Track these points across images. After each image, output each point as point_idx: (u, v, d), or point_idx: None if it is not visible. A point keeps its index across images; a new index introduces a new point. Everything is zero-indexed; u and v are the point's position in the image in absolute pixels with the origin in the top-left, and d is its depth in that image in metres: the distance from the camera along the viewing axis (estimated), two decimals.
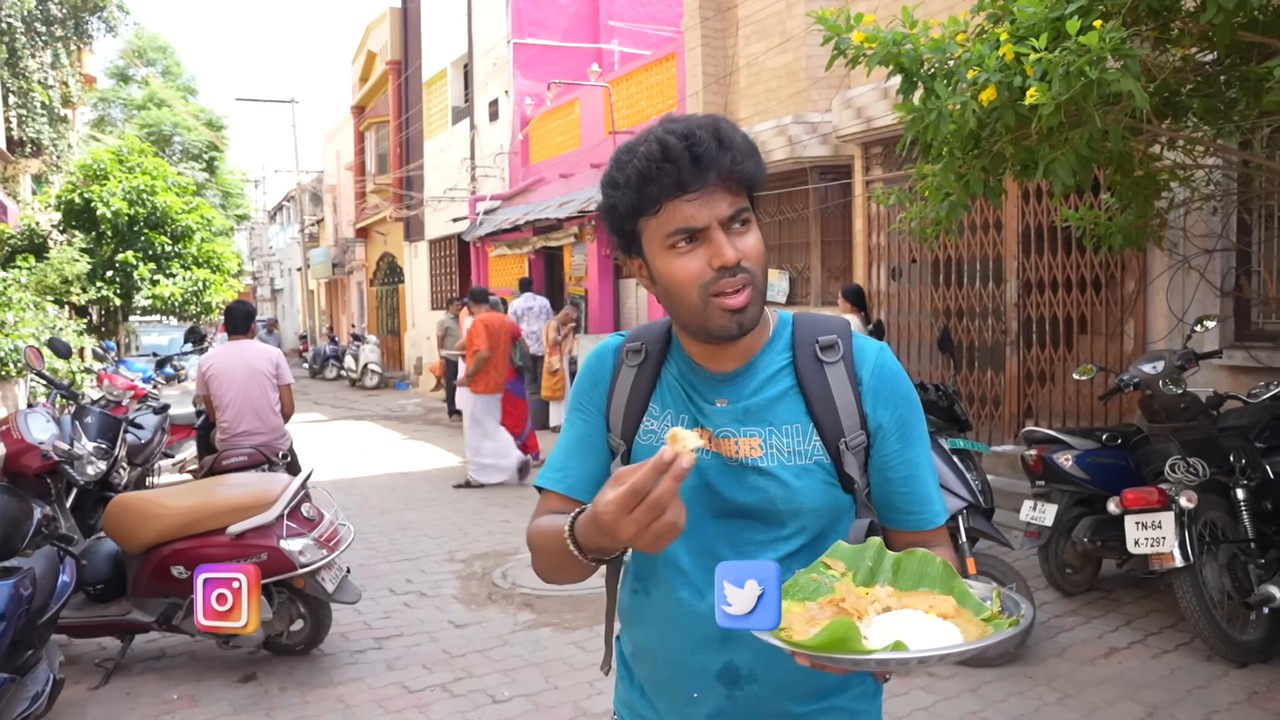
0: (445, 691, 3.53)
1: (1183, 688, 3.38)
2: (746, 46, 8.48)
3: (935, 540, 1.17)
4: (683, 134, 1.06)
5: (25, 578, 2.58)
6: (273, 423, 4.80)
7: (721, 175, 1.06)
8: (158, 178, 15.62)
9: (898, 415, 1.14)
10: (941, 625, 0.91)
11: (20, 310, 9.07)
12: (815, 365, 1.14)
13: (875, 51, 3.36)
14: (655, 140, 1.07)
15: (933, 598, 0.96)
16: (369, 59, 20.71)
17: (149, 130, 26.35)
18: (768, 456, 1.12)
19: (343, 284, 26.29)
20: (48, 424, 4.28)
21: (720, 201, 1.07)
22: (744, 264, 1.08)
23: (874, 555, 1.04)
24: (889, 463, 1.14)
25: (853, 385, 1.13)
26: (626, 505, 0.90)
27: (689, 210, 1.06)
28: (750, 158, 1.09)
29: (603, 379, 1.25)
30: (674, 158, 1.05)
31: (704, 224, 1.07)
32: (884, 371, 1.15)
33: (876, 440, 1.14)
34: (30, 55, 13.96)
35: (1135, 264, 5.49)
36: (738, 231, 1.09)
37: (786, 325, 1.20)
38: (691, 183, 1.05)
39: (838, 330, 1.18)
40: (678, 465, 0.89)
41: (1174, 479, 3.58)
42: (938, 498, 1.18)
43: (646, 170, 1.06)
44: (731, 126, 1.10)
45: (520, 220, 11.79)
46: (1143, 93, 2.80)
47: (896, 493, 1.15)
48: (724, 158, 1.06)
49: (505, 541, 5.78)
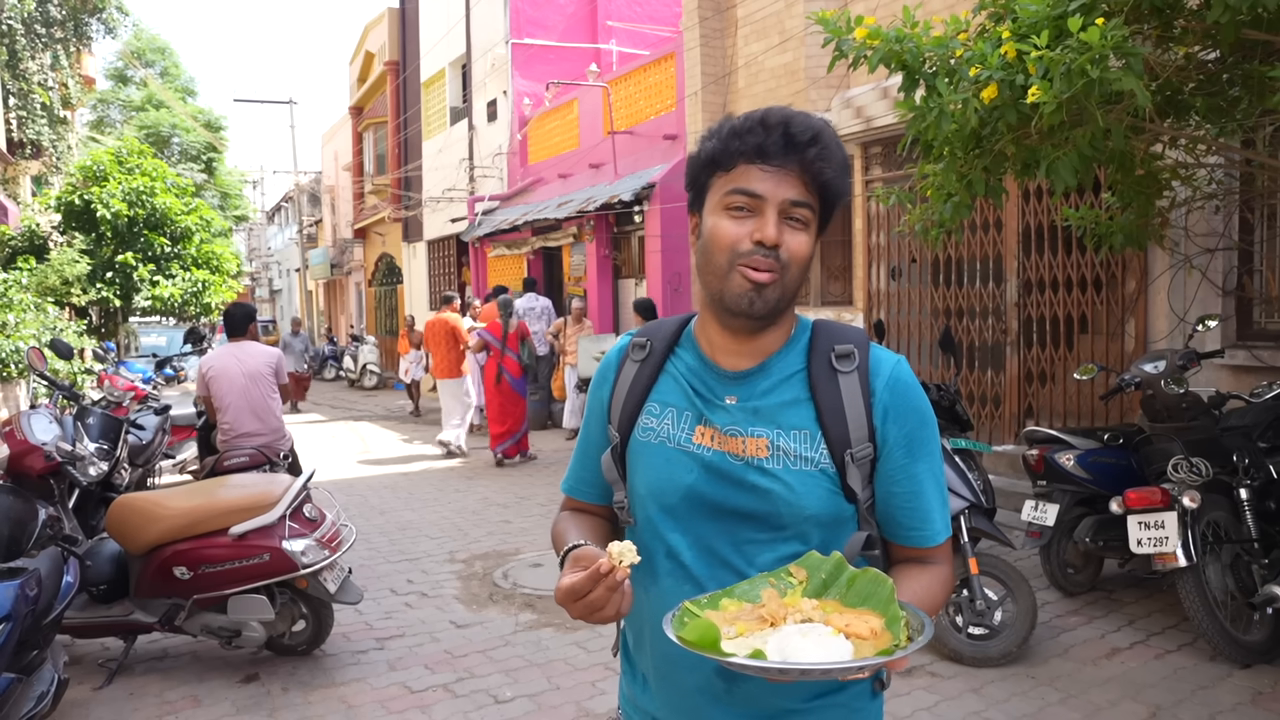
0: (447, 692, 3.52)
1: (1186, 688, 3.38)
2: (745, 46, 8.49)
3: (933, 557, 1.17)
4: (785, 116, 1.11)
5: (31, 578, 2.58)
6: (273, 424, 4.80)
7: (803, 164, 1.09)
8: (157, 179, 15.61)
9: (907, 430, 1.14)
10: (837, 644, 0.95)
11: (21, 311, 9.06)
12: (829, 373, 1.14)
13: (877, 49, 3.36)
14: (761, 111, 1.12)
15: (861, 616, 0.99)
16: (367, 60, 20.71)
17: (148, 131, 26.33)
18: (774, 459, 1.12)
19: (341, 285, 26.28)
20: (50, 425, 4.28)
21: (790, 186, 1.10)
22: (782, 252, 1.10)
23: (831, 569, 1.07)
24: (893, 477, 1.14)
25: (865, 397, 1.13)
26: (569, 598, 1.03)
27: (757, 176, 1.10)
28: (837, 168, 1.11)
29: (608, 379, 1.28)
30: (768, 126, 1.10)
31: (764, 195, 1.09)
32: (898, 385, 1.15)
33: (883, 453, 1.13)
34: (30, 57, 13.96)
35: (1136, 263, 5.49)
36: (792, 225, 1.11)
37: (805, 330, 1.20)
38: (773, 155, 1.09)
39: (856, 340, 1.17)
40: (612, 578, 1.00)
41: (1177, 479, 3.58)
42: (940, 516, 1.17)
43: (740, 127, 1.11)
44: (834, 136, 1.13)
45: (519, 221, 11.79)
46: (1144, 91, 2.80)
47: (899, 508, 1.15)
48: (811, 150, 1.09)
49: (506, 542, 5.77)
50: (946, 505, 1.19)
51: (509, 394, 8.41)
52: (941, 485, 1.18)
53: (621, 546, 1.02)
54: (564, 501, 1.37)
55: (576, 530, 1.24)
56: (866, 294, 7.37)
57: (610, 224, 10.92)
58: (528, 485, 7.69)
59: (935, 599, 1.14)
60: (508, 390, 8.40)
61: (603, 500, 1.31)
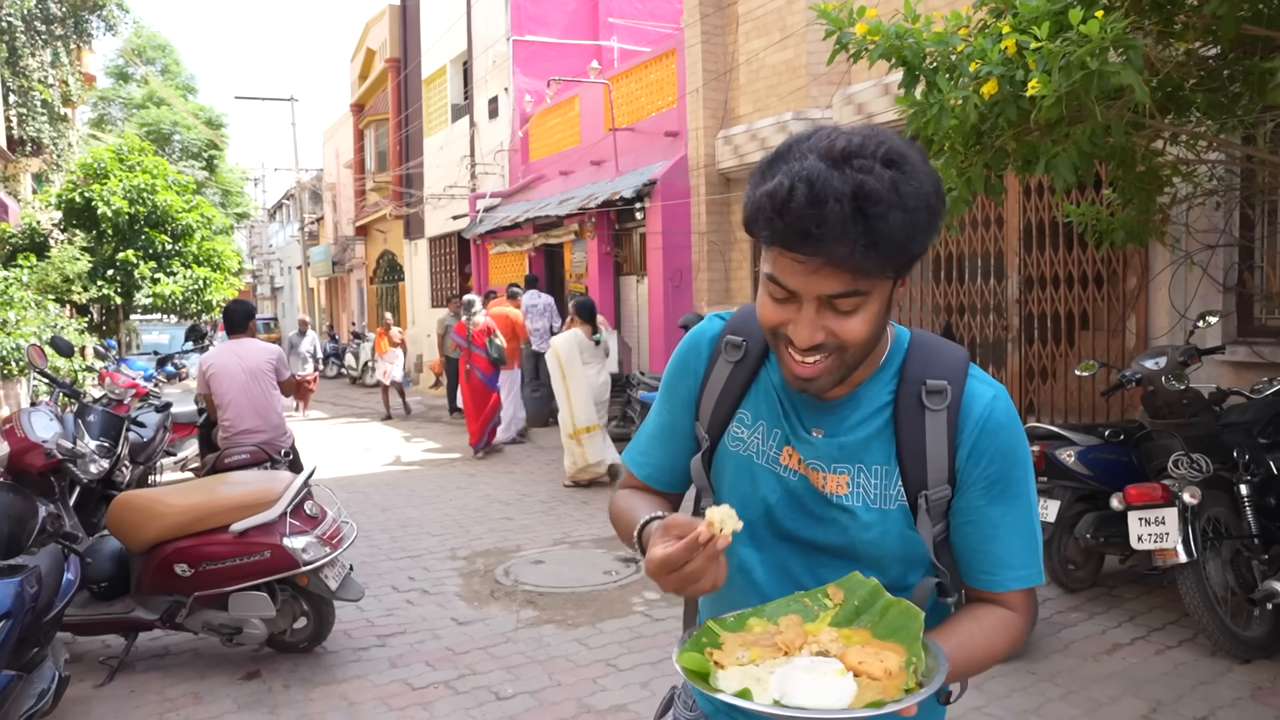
0: (448, 689, 3.53)
1: (1186, 683, 3.38)
2: (746, 43, 8.47)
3: (1006, 603, 1.09)
4: (811, 195, 0.90)
5: (31, 576, 2.58)
6: (274, 421, 4.80)
7: (845, 260, 0.92)
8: (158, 176, 15.61)
9: (990, 471, 1.06)
10: (840, 685, 0.91)
11: (22, 309, 9.07)
12: (916, 409, 1.07)
13: (878, 45, 3.36)
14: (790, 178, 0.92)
15: (880, 653, 0.95)
16: (368, 57, 20.69)
17: (148, 129, 26.34)
18: (853, 495, 1.09)
19: (343, 282, 26.29)
20: (51, 422, 4.28)
21: (828, 279, 0.95)
22: (827, 343, 0.99)
23: (866, 595, 1.03)
24: (968, 516, 1.08)
25: (950, 438, 1.06)
26: (663, 570, 0.97)
27: (787, 268, 0.96)
28: (897, 243, 0.92)
29: (696, 370, 1.20)
30: (788, 212, 0.91)
31: (797, 290, 0.97)
32: (988, 426, 1.06)
33: (959, 491, 1.07)
34: (30, 54, 13.95)
35: (1137, 260, 5.48)
36: (840, 309, 0.97)
37: (900, 352, 1.11)
38: (797, 246, 0.93)
39: (951, 372, 1.08)
40: (712, 547, 0.95)
41: (1177, 475, 3.58)
42: (1020, 562, 1.08)
43: (764, 201, 0.94)
44: (897, 197, 0.91)
45: (520, 218, 11.78)
46: (1143, 85, 2.79)
47: (969, 547, 1.10)
48: (847, 236, 0.90)
49: (507, 539, 5.78)
50: (1033, 552, 1.09)
51: (479, 389, 8.80)
52: (1029, 531, 1.09)
53: (722, 512, 0.96)
54: (627, 479, 1.29)
55: (647, 505, 1.18)
56: None
57: (612, 221, 10.91)
58: (530, 482, 7.69)
59: (991, 646, 1.07)
60: (478, 385, 8.79)
61: (676, 489, 1.27)
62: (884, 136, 0.97)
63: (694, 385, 1.20)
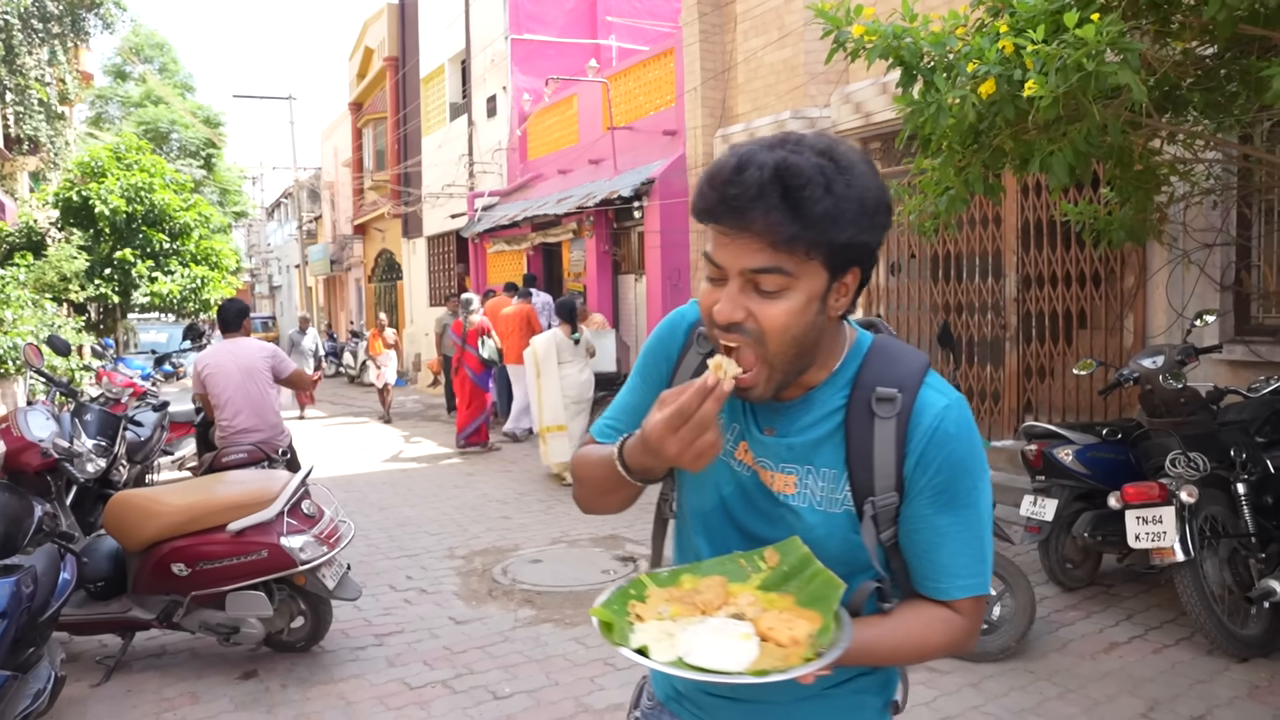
0: (446, 688, 3.53)
1: (1183, 682, 3.38)
2: (745, 42, 8.46)
3: (951, 608, 1.09)
4: (735, 163, 0.97)
5: (26, 575, 2.58)
6: (271, 419, 4.79)
7: (754, 225, 0.95)
8: (155, 175, 15.59)
9: (939, 481, 1.06)
10: (742, 648, 0.94)
11: (19, 308, 9.06)
12: (866, 416, 1.07)
13: (875, 45, 3.35)
14: (725, 156, 1.00)
15: (792, 621, 0.97)
16: (366, 55, 20.67)
17: (146, 127, 26.31)
18: (799, 496, 1.10)
19: (341, 281, 26.26)
20: (47, 421, 4.28)
21: (751, 252, 0.97)
22: (746, 325, 1.00)
23: (796, 562, 1.05)
24: (915, 524, 1.08)
25: (899, 446, 1.05)
26: (673, 425, 0.97)
27: (717, 241, 1.00)
28: (820, 223, 0.94)
29: (669, 355, 1.22)
30: (714, 182, 0.98)
31: (724, 264, 1.00)
32: (937, 436, 1.05)
33: (907, 499, 1.07)
34: (27, 52, 13.91)
35: (1135, 259, 5.48)
36: (764, 288, 0.99)
37: (857, 357, 1.11)
38: (722, 217, 0.98)
39: (904, 380, 1.07)
40: (720, 389, 0.97)
41: (1174, 474, 3.58)
42: (965, 570, 1.08)
43: (700, 183, 1.01)
44: (818, 175, 0.95)
45: (519, 216, 11.77)
46: (1140, 86, 2.79)
47: (916, 554, 1.10)
48: (769, 208, 0.94)
49: (505, 538, 5.78)
50: (980, 562, 1.09)
51: (471, 387, 9.02)
52: (977, 540, 1.08)
53: (724, 359, 0.98)
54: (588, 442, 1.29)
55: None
56: (865, 289, 7.36)
57: (610, 219, 10.91)
58: (527, 481, 7.69)
59: (924, 640, 1.08)
60: (469, 383, 9.01)
61: None
62: (835, 141, 1.01)
63: (666, 370, 1.22)
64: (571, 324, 7.46)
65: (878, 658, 1.08)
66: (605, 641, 0.99)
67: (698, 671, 0.93)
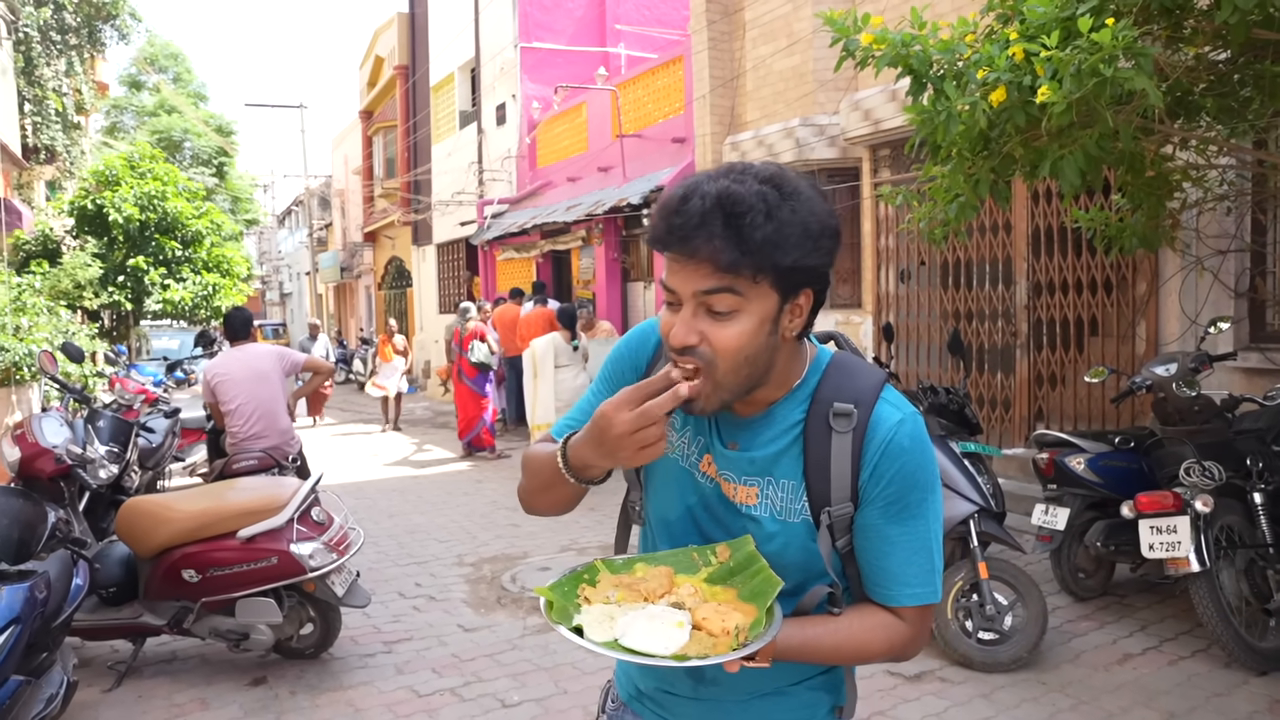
0: (455, 696, 3.52)
1: (1200, 695, 3.34)
2: (753, 49, 8.48)
3: (899, 614, 1.12)
4: (681, 192, 1.02)
5: (40, 581, 2.59)
6: (282, 426, 4.80)
7: (701, 250, 0.99)
8: (168, 183, 15.73)
9: (890, 492, 1.09)
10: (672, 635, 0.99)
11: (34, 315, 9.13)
12: (824, 430, 1.10)
13: (884, 53, 3.35)
14: (674, 188, 1.05)
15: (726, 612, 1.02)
16: (377, 64, 20.81)
17: (160, 137, 26.55)
18: (760, 506, 1.14)
19: (351, 288, 26.40)
20: (61, 428, 4.31)
21: (698, 274, 1.01)
22: (700, 349, 1.03)
23: (743, 558, 1.11)
24: (866, 533, 1.12)
25: (854, 459, 1.09)
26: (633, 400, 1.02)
27: (671, 268, 1.05)
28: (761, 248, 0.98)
29: (637, 365, 1.24)
30: (664, 214, 1.03)
31: (677, 289, 1.04)
32: (891, 449, 1.09)
33: (861, 507, 1.11)
34: (45, 63, 14.09)
35: (1147, 265, 5.45)
36: (716, 309, 1.02)
37: (816, 373, 1.15)
38: (671, 245, 1.02)
39: (860, 396, 1.11)
40: (678, 390, 1.02)
41: (1189, 482, 3.54)
42: (914, 578, 1.11)
43: (652, 219, 1.06)
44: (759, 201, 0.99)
45: (528, 224, 11.81)
46: (1156, 91, 2.78)
47: (867, 561, 1.14)
48: (711, 235, 0.98)
49: (514, 545, 5.77)
50: (929, 571, 1.12)
51: (466, 391, 9.27)
52: (925, 550, 1.11)
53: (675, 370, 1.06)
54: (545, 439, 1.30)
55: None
56: (875, 297, 7.35)
57: (619, 227, 10.93)
58: None
59: (865, 643, 1.11)
60: (464, 388, 9.26)
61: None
62: (781, 170, 1.04)
63: (633, 379, 1.22)
64: (571, 330, 7.78)
65: (818, 656, 1.11)
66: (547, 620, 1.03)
67: (624, 652, 0.98)
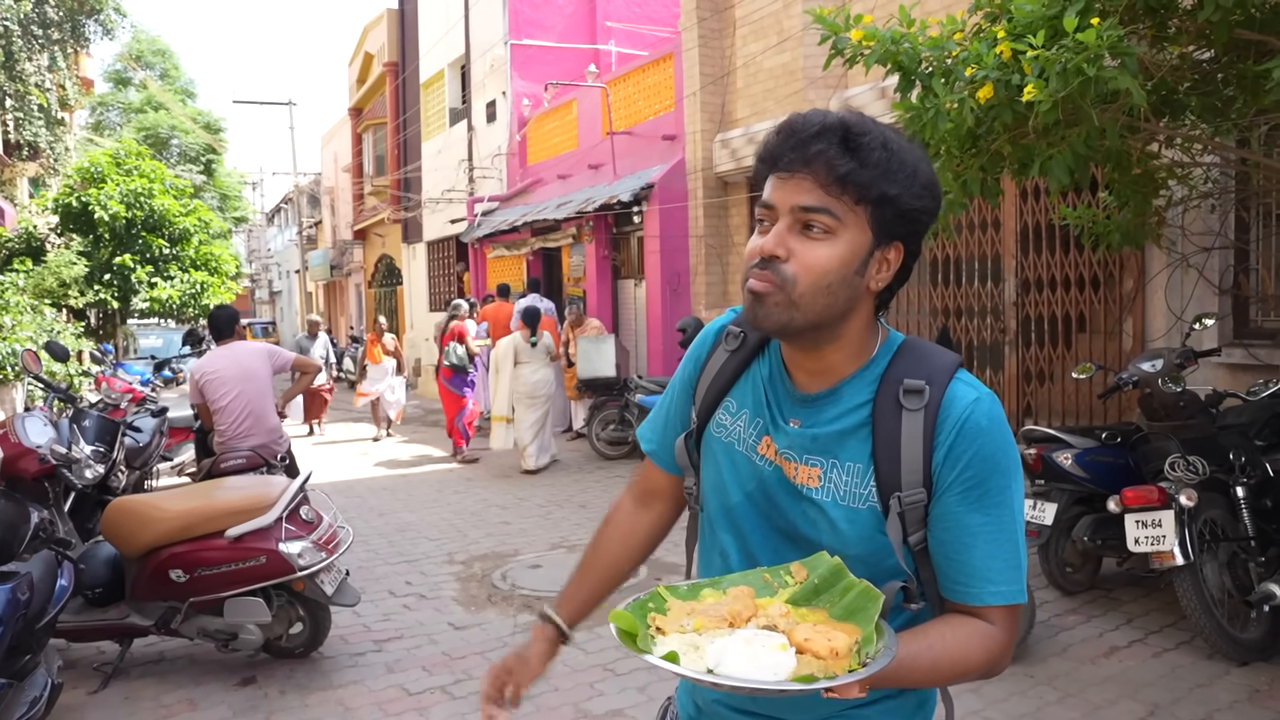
0: (445, 694, 3.52)
1: (1184, 686, 3.37)
2: (744, 47, 8.48)
3: (985, 617, 1.03)
4: (801, 116, 1.04)
5: (23, 582, 2.57)
6: (270, 424, 4.78)
7: (811, 163, 1.00)
8: (155, 180, 15.61)
9: (968, 476, 1.02)
10: (778, 658, 0.87)
11: (18, 313, 9.05)
12: (894, 409, 1.04)
13: (873, 50, 3.36)
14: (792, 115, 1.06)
15: (829, 632, 0.90)
16: (366, 61, 20.70)
17: (146, 133, 26.35)
18: (823, 490, 1.07)
19: (341, 286, 26.27)
20: (45, 428, 4.27)
21: (800, 190, 1.01)
22: (787, 266, 1.01)
23: (827, 574, 1.00)
24: (944, 523, 1.04)
25: (926, 439, 1.02)
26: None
27: (773, 185, 1.04)
28: (874, 169, 0.99)
29: (699, 356, 1.25)
30: (781, 130, 1.04)
31: (775, 204, 1.03)
32: (967, 429, 1.02)
33: (936, 496, 1.04)
34: (27, 58, 13.94)
35: (1134, 262, 5.49)
36: (812, 236, 1.01)
37: (888, 354, 1.10)
38: (781, 159, 1.02)
39: (933, 374, 1.05)
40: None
41: (1174, 477, 3.58)
42: (999, 574, 1.02)
43: (767, 140, 1.06)
44: (879, 134, 1.01)
45: (518, 221, 11.78)
46: (1140, 90, 2.80)
47: (945, 556, 1.04)
48: (815, 145, 1.00)
49: (504, 543, 5.77)
50: (1016, 567, 1.03)
51: (445, 391, 9.30)
52: (1011, 543, 1.03)
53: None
54: (646, 462, 1.34)
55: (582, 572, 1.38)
56: None
57: (609, 224, 10.92)
58: (526, 487, 7.69)
59: (964, 655, 1.01)
60: (443, 388, 9.29)
61: (675, 471, 1.29)
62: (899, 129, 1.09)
63: (694, 371, 1.25)
64: (531, 328, 8.32)
65: (914, 679, 1.00)
66: (627, 650, 0.93)
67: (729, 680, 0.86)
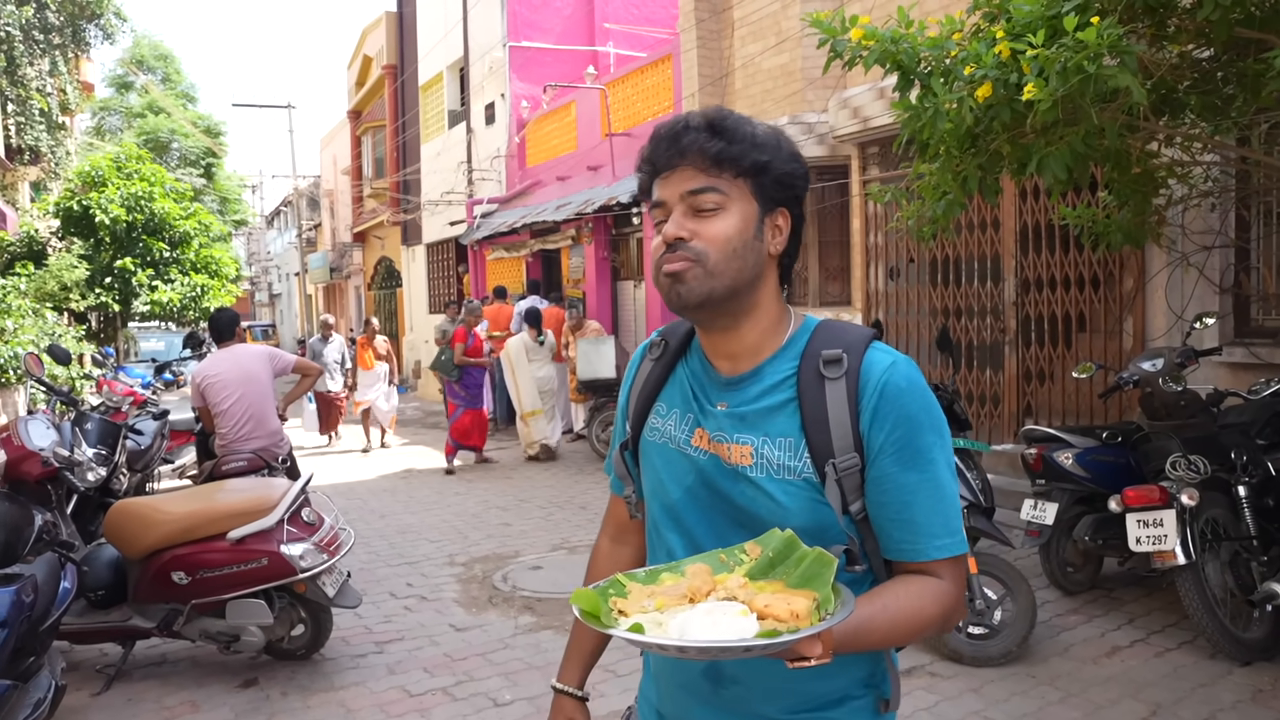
0: (446, 695, 3.52)
1: (1186, 686, 3.37)
2: (742, 48, 8.49)
3: (933, 572, 1.07)
4: (666, 123, 1.13)
5: (27, 584, 2.58)
6: (271, 427, 4.79)
7: (687, 154, 1.09)
8: (155, 184, 15.62)
9: (897, 436, 1.06)
10: (741, 624, 0.89)
11: (20, 317, 9.06)
12: (816, 379, 1.09)
13: (872, 50, 3.36)
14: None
15: (787, 597, 0.91)
16: (365, 63, 20.72)
17: (147, 137, 26.37)
18: (757, 467, 1.10)
19: (341, 288, 26.28)
20: (48, 431, 4.28)
21: (684, 179, 1.10)
22: (693, 243, 1.09)
23: (781, 547, 1.00)
24: (881, 485, 1.07)
25: (851, 404, 1.06)
26: None
27: (659, 187, 1.13)
28: (742, 143, 1.09)
29: (630, 373, 1.32)
30: (655, 138, 1.13)
31: (665, 199, 1.11)
32: (888, 390, 1.06)
33: (869, 461, 1.07)
34: (28, 63, 13.96)
35: (1134, 261, 5.49)
36: (705, 214, 1.09)
37: (805, 333, 1.15)
38: (661, 162, 1.12)
39: (849, 344, 1.10)
40: None
41: (1175, 476, 3.58)
42: (941, 528, 1.06)
43: (642, 151, 1.15)
44: (739, 118, 1.11)
45: (517, 223, 11.78)
46: (1140, 88, 2.80)
47: (887, 519, 1.07)
48: (699, 137, 1.09)
49: (505, 545, 5.77)
50: (953, 518, 1.07)
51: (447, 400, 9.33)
52: (944, 497, 1.07)
53: None
54: (612, 498, 1.41)
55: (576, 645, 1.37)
56: (865, 294, 7.37)
57: (609, 226, 10.92)
58: (527, 488, 7.69)
59: (920, 611, 1.04)
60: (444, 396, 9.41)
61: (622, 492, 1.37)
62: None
63: (627, 389, 1.31)
64: (536, 329, 8.78)
65: (875, 639, 1.02)
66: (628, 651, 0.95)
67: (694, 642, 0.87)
